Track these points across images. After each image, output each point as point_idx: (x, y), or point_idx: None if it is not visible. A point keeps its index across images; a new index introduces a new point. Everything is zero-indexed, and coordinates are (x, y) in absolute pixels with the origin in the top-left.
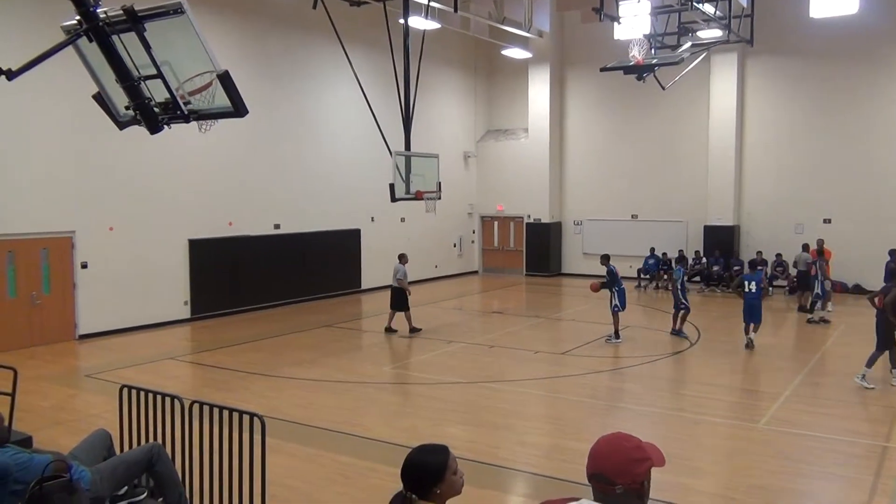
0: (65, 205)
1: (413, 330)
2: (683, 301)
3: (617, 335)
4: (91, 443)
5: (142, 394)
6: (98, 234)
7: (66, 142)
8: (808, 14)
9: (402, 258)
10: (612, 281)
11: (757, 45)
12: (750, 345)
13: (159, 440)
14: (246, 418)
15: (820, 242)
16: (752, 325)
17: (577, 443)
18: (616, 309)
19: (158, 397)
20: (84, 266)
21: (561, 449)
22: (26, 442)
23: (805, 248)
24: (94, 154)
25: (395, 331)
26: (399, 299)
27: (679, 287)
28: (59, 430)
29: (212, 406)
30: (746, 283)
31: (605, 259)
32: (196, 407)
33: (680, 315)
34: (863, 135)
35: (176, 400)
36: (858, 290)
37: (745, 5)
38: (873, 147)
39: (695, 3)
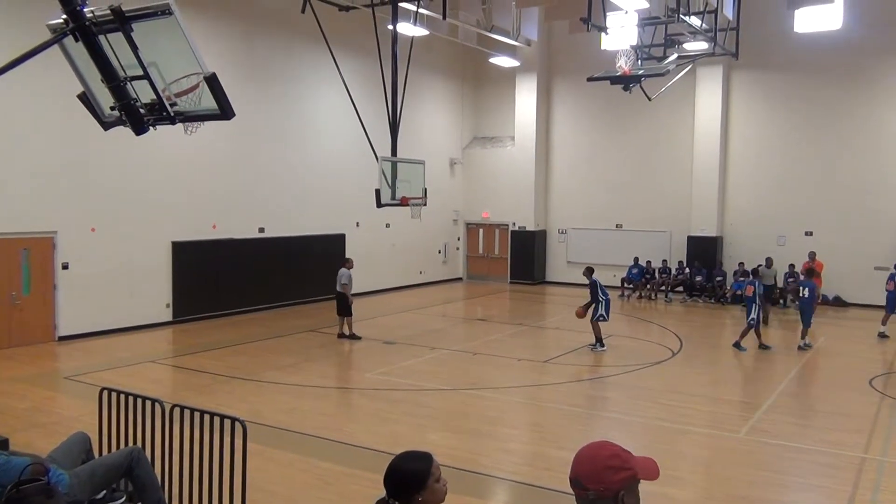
0: (46, 204)
1: (352, 336)
2: (754, 315)
3: (601, 343)
4: (69, 446)
5: (122, 397)
6: (80, 235)
7: (49, 141)
8: (792, 29)
9: (347, 262)
10: (594, 295)
11: (742, 58)
12: (804, 347)
13: (139, 444)
14: (227, 423)
15: (812, 255)
16: (803, 329)
17: (558, 451)
18: (600, 318)
19: (139, 401)
20: (65, 267)
21: (543, 457)
22: (3, 444)
23: (769, 262)
24: (77, 154)
25: (347, 336)
26: (342, 304)
27: (758, 300)
28: (36, 432)
29: (192, 410)
30: (801, 288)
31: (589, 272)
32: (177, 411)
33: (753, 330)
34: (845, 148)
35: (156, 403)
36: (839, 302)
37: (730, 18)
38: (856, 160)
39: (681, 16)
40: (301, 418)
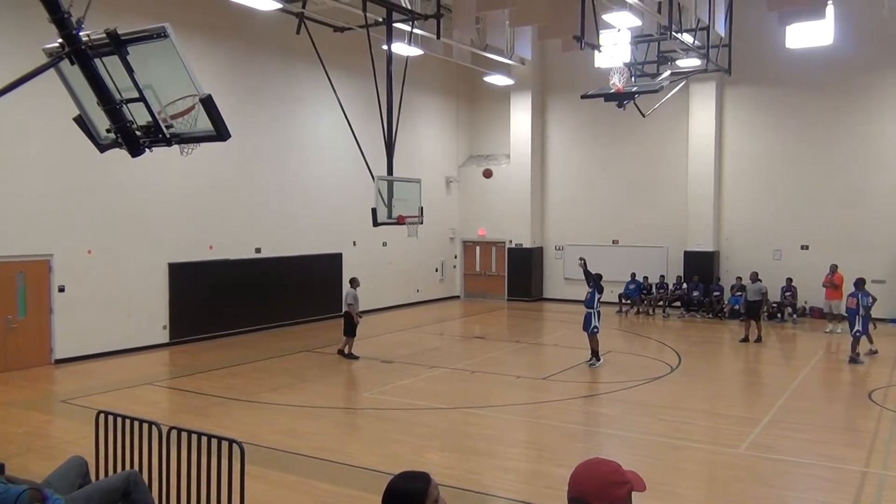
0: (42, 227)
1: (349, 356)
2: (861, 328)
3: (597, 357)
4: (66, 470)
5: (119, 420)
6: (76, 257)
7: (45, 164)
8: (784, 44)
9: (354, 282)
10: (593, 280)
11: (735, 74)
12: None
13: (136, 467)
14: (225, 445)
15: (833, 267)
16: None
17: (558, 468)
18: (594, 330)
19: (136, 423)
20: (61, 289)
21: (542, 475)
22: None
23: (754, 277)
24: (72, 176)
25: (345, 355)
26: (348, 324)
27: (862, 313)
28: (32, 456)
29: (190, 432)
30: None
31: (598, 277)
32: (174, 433)
33: (859, 340)
34: (838, 162)
35: (153, 426)
36: (828, 317)
37: (722, 35)
38: (849, 174)
39: (674, 33)
40: (299, 439)
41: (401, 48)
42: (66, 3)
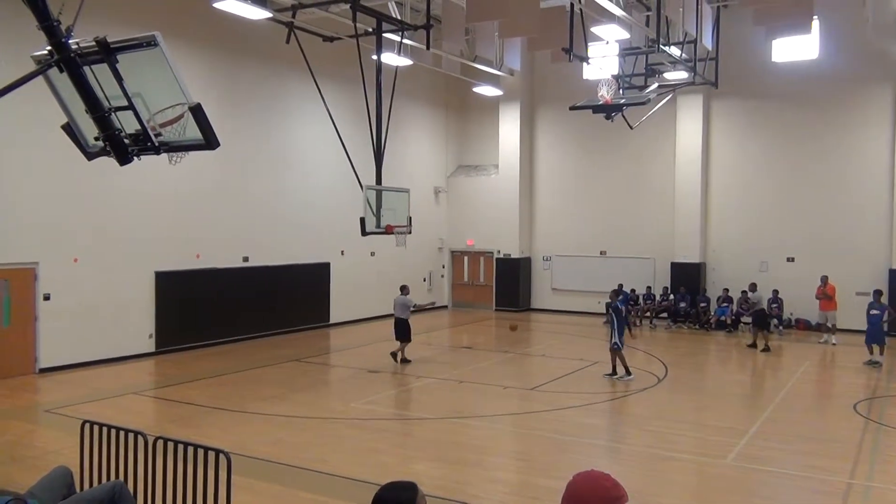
0: (28, 235)
1: (404, 360)
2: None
3: (615, 372)
4: (51, 481)
5: (104, 430)
6: (62, 266)
7: (31, 171)
8: (770, 58)
9: (406, 289)
10: (609, 319)
11: (721, 86)
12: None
13: (122, 478)
14: (211, 455)
15: (824, 279)
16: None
17: (546, 479)
18: (615, 346)
19: (121, 433)
20: (47, 298)
21: (530, 485)
22: None
23: (753, 287)
24: (59, 184)
25: (406, 361)
26: (405, 330)
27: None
28: (16, 467)
29: (176, 442)
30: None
31: (614, 294)
32: (160, 443)
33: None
34: (824, 174)
35: (139, 436)
36: (822, 328)
37: (709, 49)
38: (835, 186)
39: (661, 46)
40: (286, 449)
41: (390, 58)
42: (55, 11)
